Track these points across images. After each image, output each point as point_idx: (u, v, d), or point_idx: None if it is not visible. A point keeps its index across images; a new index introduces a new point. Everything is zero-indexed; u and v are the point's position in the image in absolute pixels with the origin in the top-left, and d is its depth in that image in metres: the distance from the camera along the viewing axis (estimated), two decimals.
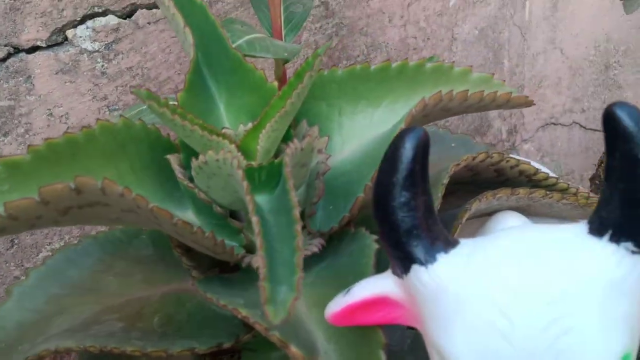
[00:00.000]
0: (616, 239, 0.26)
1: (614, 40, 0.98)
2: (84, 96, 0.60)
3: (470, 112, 0.38)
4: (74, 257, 0.38)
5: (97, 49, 0.60)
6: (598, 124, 1.04)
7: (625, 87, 1.02)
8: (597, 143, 1.06)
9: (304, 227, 0.37)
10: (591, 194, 0.42)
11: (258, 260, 0.23)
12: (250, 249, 0.35)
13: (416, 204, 0.28)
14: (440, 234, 0.28)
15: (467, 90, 0.36)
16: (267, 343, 0.33)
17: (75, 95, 0.60)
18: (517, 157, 0.40)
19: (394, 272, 0.29)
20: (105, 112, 0.61)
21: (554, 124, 1.01)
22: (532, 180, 0.41)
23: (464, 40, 0.88)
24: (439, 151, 0.43)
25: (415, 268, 0.27)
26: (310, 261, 0.36)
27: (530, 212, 0.41)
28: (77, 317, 0.35)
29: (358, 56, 0.79)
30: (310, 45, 0.75)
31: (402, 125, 0.34)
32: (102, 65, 0.60)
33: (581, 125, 1.02)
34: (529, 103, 0.39)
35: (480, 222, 0.39)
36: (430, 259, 0.27)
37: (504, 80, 0.42)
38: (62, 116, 0.59)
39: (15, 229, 0.29)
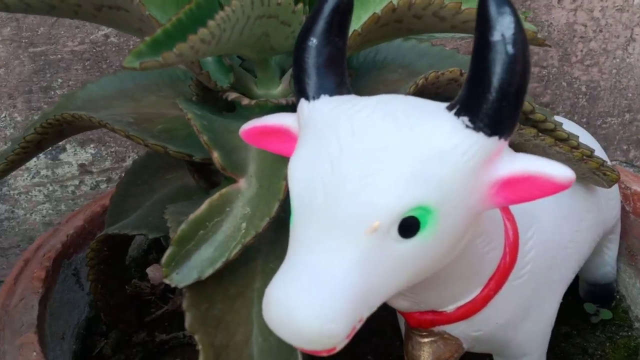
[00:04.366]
0: (458, 113, 0.28)
1: None
2: None
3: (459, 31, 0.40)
4: (136, 76, 0.48)
5: None
6: None
7: None
8: None
9: None
10: (583, 146, 0.41)
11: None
12: (236, 88, 0.42)
13: (321, 50, 0.32)
14: (336, 82, 0.32)
15: None
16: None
17: None
18: None
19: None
20: None
21: None
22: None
23: None
24: None
25: (302, 101, 0.32)
26: None
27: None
28: (113, 112, 0.45)
29: None
30: None
31: None
32: None
33: None
34: (538, 42, 0.40)
35: None
36: (315, 96, 0.32)
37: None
38: None
39: (61, 12, 0.39)
